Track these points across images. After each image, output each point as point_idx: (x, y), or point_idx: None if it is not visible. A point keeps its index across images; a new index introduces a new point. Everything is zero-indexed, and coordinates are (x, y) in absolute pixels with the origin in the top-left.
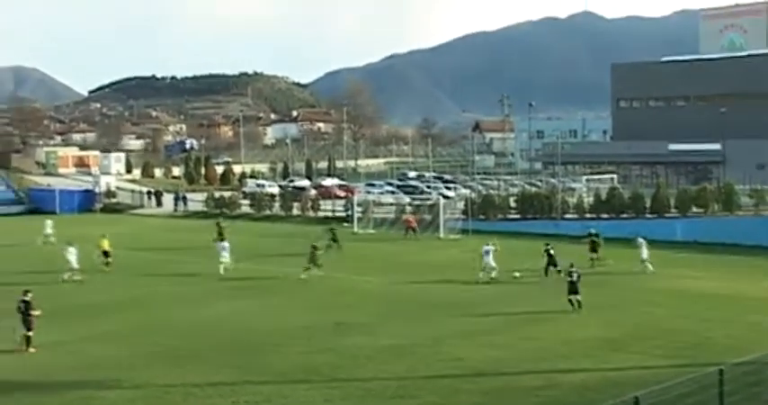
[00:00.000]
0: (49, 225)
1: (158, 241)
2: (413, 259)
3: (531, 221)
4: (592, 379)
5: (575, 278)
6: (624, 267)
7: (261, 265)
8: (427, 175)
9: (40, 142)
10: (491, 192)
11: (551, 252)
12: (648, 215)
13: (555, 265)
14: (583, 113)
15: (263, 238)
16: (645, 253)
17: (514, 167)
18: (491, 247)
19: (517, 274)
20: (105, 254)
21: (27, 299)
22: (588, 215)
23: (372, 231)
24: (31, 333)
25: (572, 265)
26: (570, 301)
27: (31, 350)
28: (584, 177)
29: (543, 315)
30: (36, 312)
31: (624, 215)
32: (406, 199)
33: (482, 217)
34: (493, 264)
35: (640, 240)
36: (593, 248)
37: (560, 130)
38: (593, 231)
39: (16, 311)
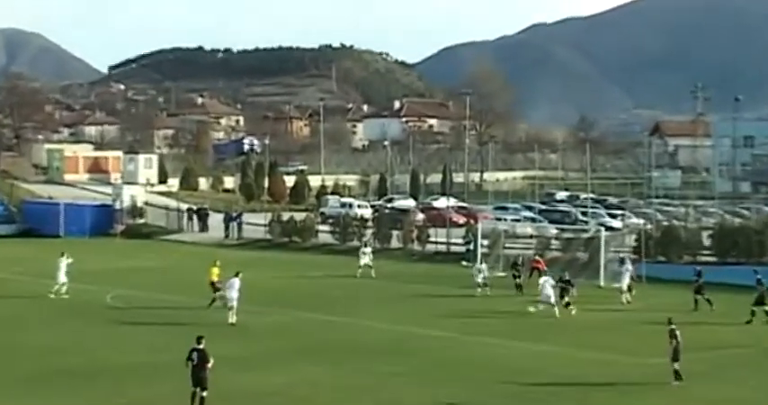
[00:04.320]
0: (63, 266)
1: (202, 281)
2: (561, 318)
3: (732, 267)
4: None
5: None
6: None
7: (343, 318)
8: (583, 196)
9: (40, 136)
10: (675, 223)
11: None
12: None
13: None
14: None
15: (350, 278)
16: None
17: (710, 188)
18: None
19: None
20: (213, 286)
21: (201, 347)
22: None
23: (503, 274)
24: (205, 394)
25: None
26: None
27: None
28: None
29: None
30: (210, 364)
31: None
32: (553, 230)
33: (661, 258)
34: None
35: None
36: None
37: None
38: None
39: (186, 363)
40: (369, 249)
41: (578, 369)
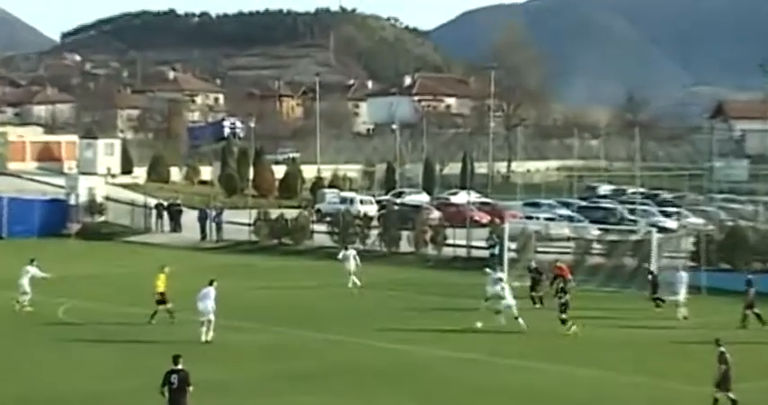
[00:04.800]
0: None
1: (172, 292)
2: (597, 333)
3: None
4: None
5: None
6: None
7: (341, 336)
8: (631, 191)
9: None
10: (742, 223)
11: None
12: None
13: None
14: None
15: (350, 288)
16: None
17: None
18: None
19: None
20: (161, 298)
21: (180, 368)
22: None
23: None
24: None
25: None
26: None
27: None
28: None
29: None
30: (191, 388)
31: None
32: (594, 231)
33: (725, 266)
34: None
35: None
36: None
37: None
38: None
39: (162, 391)
40: (352, 252)
41: (624, 397)
